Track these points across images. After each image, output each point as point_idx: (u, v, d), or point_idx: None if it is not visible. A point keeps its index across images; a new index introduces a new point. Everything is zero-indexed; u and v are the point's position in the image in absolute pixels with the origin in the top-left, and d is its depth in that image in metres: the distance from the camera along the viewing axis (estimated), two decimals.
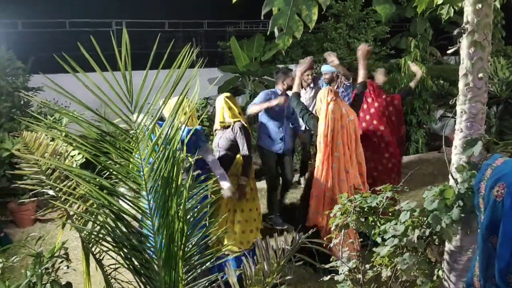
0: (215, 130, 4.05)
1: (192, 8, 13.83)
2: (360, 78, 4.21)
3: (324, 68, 5.94)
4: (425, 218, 2.33)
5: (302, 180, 6.38)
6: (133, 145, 1.74)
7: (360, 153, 3.97)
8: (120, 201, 1.93)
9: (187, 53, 1.73)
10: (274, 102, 4.74)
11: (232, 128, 3.84)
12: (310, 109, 5.18)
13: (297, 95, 4.19)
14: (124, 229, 1.89)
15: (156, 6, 13.59)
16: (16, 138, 5.14)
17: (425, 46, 9.14)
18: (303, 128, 5.74)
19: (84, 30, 10.40)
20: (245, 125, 3.88)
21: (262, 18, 1.60)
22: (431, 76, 8.00)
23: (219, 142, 3.94)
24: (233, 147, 3.87)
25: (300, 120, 4.81)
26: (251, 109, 4.89)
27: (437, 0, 3.03)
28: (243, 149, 3.82)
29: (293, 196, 6.10)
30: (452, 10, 3.13)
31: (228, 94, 4.05)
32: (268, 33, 1.59)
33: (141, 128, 1.74)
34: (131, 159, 1.76)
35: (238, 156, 3.92)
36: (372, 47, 9.98)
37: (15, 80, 5.77)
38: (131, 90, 1.67)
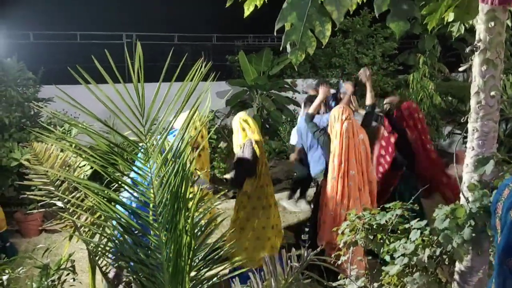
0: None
1: (201, 22, 13.98)
2: (369, 101, 4.27)
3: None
4: (435, 237, 2.30)
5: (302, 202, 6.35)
6: (144, 158, 1.74)
7: (371, 171, 3.97)
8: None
9: (199, 67, 1.73)
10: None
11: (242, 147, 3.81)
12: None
13: (311, 116, 4.33)
14: (131, 243, 1.88)
15: (166, 20, 13.76)
16: (25, 148, 5.17)
17: (433, 62, 9.14)
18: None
19: (94, 43, 10.54)
20: (254, 142, 3.78)
21: (275, 33, 1.60)
22: (439, 92, 7.99)
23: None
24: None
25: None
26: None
27: (447, 18, 3.04)
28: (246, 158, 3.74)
29: (297, 216, 6.08)
30: (463, 28, 3.13)
31: (242, 114, 3.98)
32: (281, 48, 1.59)
33: (151, 141, 1.74)
34: (141, 172, 1.75)
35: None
36: (380, 63, 10.02)
37: (26, 90, 5.83)
38: (143, 103, 1.67)
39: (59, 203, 2.24)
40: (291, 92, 9.97)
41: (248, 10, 2.53)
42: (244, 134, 3.80)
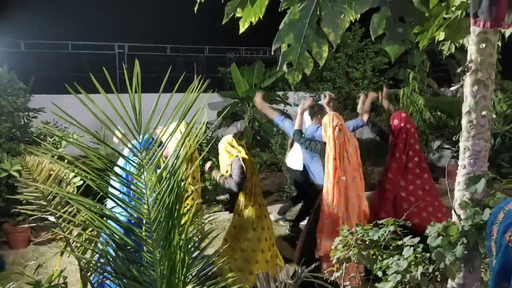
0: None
1: (194, 33, 14.04)
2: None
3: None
4: (427, 254, 2.32)
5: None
6: (138, 174, 1.73)
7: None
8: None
9: (198, 81, 1.74)
10: None
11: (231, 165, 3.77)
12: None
13: (299, 132, 4.43)
14: (124, 259, 1.86)
15: (159, 31, 13.78)
16: (15, 159, 5.11)
17: (422, 77, 9.28)
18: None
19: (86, 53, 10.51)
20: (241, 158, 3.74)
21: (272, 53, 1.62)
22: (428, 107, 8.10)
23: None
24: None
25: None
26: None
27: (438, 37, 3.10)
28: (234, 176, 3.71)
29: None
30: (453, 47, 3.20)
31: (228, 137, 3.93)
32: (278, 68, 1.61)
33: (146, 157, 1.73)
34: (134, 187, 1.74)
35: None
36: (370, 77, 10.13)
37: (16, 100, 5.77)
38: (139, 118, 1.67)
39: (51, 218, 2.22)
40: (282, 105, 10.03)
41: (243, 27, 2.56)
42: (230, 155, 3.78)
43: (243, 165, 3.70)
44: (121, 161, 2.40)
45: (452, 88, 2.26)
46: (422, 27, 2.27)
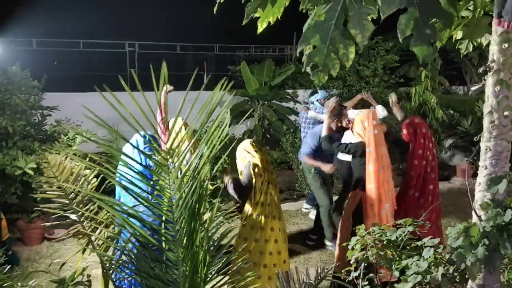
0: None
1: (204, 32, 14.05)
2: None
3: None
4: (447, 255, 2.31)
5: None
6: (165, 175, 1.74)
7: None
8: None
9: (224, 81, 1.75)
10: (324, 168, 5.20)
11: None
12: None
13: (328, 137, 4.32)
14: (148, 258, 1.88)
15: (169, 29, 13.82)
16: (29, 157, 5.16)
17: (434, 75, 9.22)
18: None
19: (97, 51, 10.56)
20: (253, 164, 3.57)
21: (297, 55, 1.62)
22: (440, 105, 8.05)
23: None
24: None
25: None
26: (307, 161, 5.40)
27: (456, 36, 3.08)
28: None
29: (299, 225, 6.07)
30: (471, 46, 3.17)
31: (244, 143, 3.73)
32: (303, 70, 1.61)
33: (173, 158, 1.74)
34: (159, 188, 1.76)
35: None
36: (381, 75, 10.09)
37: (28, 98, 5.81)
38: (166, 118, 1.68)
39: (73, 216, 2.25)
40: (292, 103, 10.02)
41: (261, 27, 2.56)
42: (244, 161, 3.64)
43: (252, 173, 3.52)
44: (143, 159, 2.41)
45: (473, 88, 2.25)
46: (449, 28, 2.25)
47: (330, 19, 1.48)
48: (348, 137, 5.68)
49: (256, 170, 3.55)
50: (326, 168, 5.29)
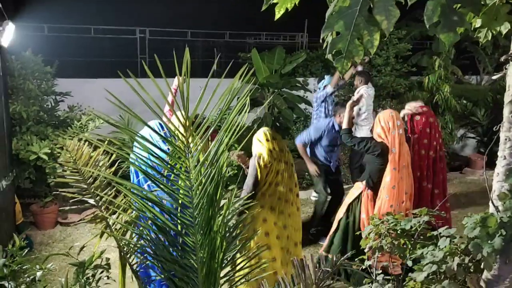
0: None
1: (214, 18, 13.97)
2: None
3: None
4: (462, 245, 2.30)
5: None
6: (185, 161, 1.75)
7: None
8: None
9: (245, 68, 1.74)
10: (309, 167, 5.36)
11: None
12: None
13: (349, 130, 4.17)
14: (166, 242, 1.90)
15: (179, 16, 13.74)
16: (43, 142, 5.21)
17: (447, 65, 9.11)
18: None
19: (108, 37, 10.54)
20: (259, 156, 3.51)
21: (320, 41, 1.60)
22: (453, 95, 7.96)
23: None
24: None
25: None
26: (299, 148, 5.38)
27: (475, 24, 3.03)
28: (248, 176, 3.55)
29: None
30: (490, 34, 3.12)
31: (260, 131, 3.63)
32: (326, 56, 1.59)
33: (193, 144, 1.75)
34: (181, 175, 1.76)
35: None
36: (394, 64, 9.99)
37: (40, 84, 5.84)
38: (187, 103, 1.67)
39: (91, 201, 2.27)
40: (302, 91, 9.97)
41: (279, 13, 2.53)
42: (257, 149, 3.57)
43: (256, 165, 3.46)
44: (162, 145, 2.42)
45: (495, 77, 2.22)
46: (478, 15, 2.21)
47: (355, 4, 1.46)
48: (361, 132, 5.64)
49: (261, 161, 3.46)
50: (310, 168, 5.42)
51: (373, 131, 4.08)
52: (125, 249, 2.18)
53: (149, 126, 1.76)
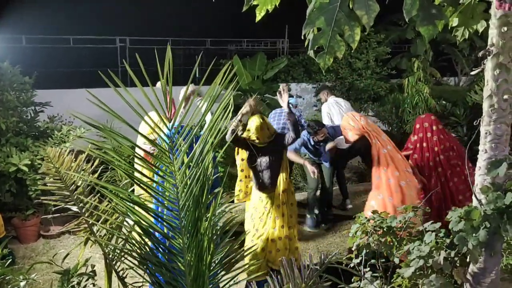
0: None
1: (195, 26, 13.95)
2: None
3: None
4: (447, 240, 2.33)
5: None
6: (170, 164, 1.73)
7: None
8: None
9: (225, 72, 1.74)
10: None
11: None
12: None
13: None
14: (152, 246, 1.87)
15: (160, 24, 13.69)
16: (23, 153, 5.10)
17: (425, 67, 9.28)
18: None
19: (87, 47, 10.44)
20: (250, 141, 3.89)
21: (302, 37, 1.61)
22: (432, 96, 8.10)
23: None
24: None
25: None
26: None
27: (451, 23, 3.09)
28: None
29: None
30: (467, 33, 3.18)
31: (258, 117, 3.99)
32: (308, 53, 1.60)
33: (177, 144, 1.73)
34: (167, 176, 1.74)
35: None
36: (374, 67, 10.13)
37: (19, 95, 5.73)
38: (170, 106, 1.66)
39: (74, 208, 2.22)
40: None
41: (259, 15, 2.55)
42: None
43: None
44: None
45: (474, 72, 2.26)
46: (455, 8, 2.26)
47: (335, 0, 1.48)
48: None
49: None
50: (310, 169, 5.34)
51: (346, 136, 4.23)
52: (110, 255, 2.14)
53: (136, 131, 1.74)
